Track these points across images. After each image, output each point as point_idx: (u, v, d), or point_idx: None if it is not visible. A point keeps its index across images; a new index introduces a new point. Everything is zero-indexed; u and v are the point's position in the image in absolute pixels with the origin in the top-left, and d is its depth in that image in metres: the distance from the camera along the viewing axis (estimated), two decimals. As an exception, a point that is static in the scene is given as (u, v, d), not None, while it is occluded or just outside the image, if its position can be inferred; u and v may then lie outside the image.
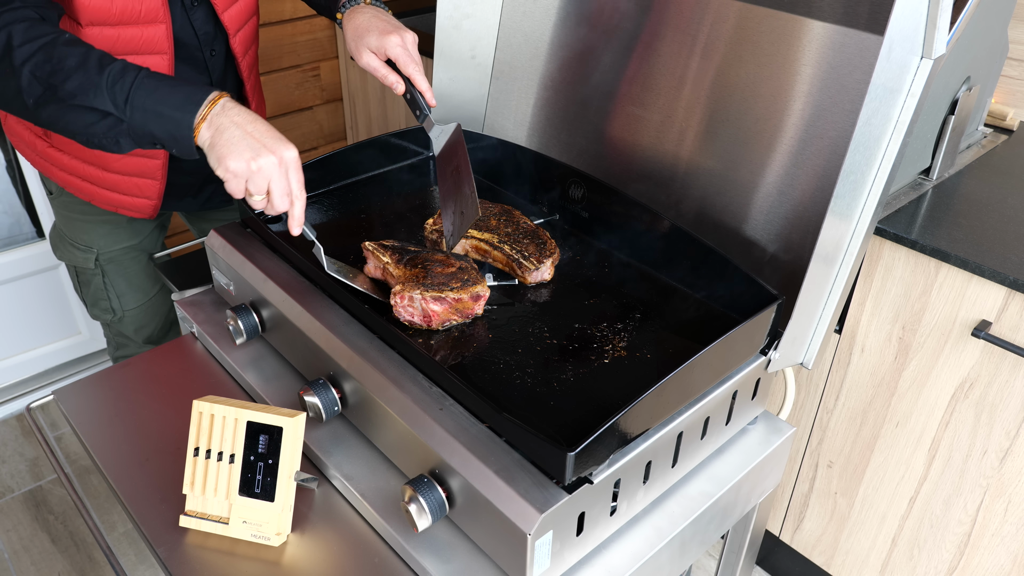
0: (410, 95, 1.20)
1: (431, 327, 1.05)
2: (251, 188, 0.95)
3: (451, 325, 1.07)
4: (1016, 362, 1.27)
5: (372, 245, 1.13)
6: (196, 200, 1.54)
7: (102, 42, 1.18)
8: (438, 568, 0.89)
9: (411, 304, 1.04)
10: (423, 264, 1.08)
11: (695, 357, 0.89)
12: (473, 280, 1.07)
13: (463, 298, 1.05)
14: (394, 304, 1.05)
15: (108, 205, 1.44)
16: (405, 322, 1.06)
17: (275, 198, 0.96)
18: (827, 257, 1.01)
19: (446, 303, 1.04)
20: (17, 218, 2.32)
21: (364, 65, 1.22)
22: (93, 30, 1.16)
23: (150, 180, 1.39)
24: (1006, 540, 1.38)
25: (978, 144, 1.63)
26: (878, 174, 0.96)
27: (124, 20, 1.17)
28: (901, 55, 0.89)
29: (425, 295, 1.03)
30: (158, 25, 1.20)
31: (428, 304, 1.03)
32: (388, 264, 1.10)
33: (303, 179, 0.97)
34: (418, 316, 1.05)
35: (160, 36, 1.21)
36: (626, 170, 1.35)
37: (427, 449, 0.90)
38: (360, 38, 1.22)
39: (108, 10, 1.15)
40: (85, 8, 1.13)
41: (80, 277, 1.57)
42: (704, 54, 1.22)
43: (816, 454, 1.63)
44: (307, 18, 2.48)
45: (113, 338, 1.69)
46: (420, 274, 1.06)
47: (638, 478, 0.93)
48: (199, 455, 0.95)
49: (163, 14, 1.20)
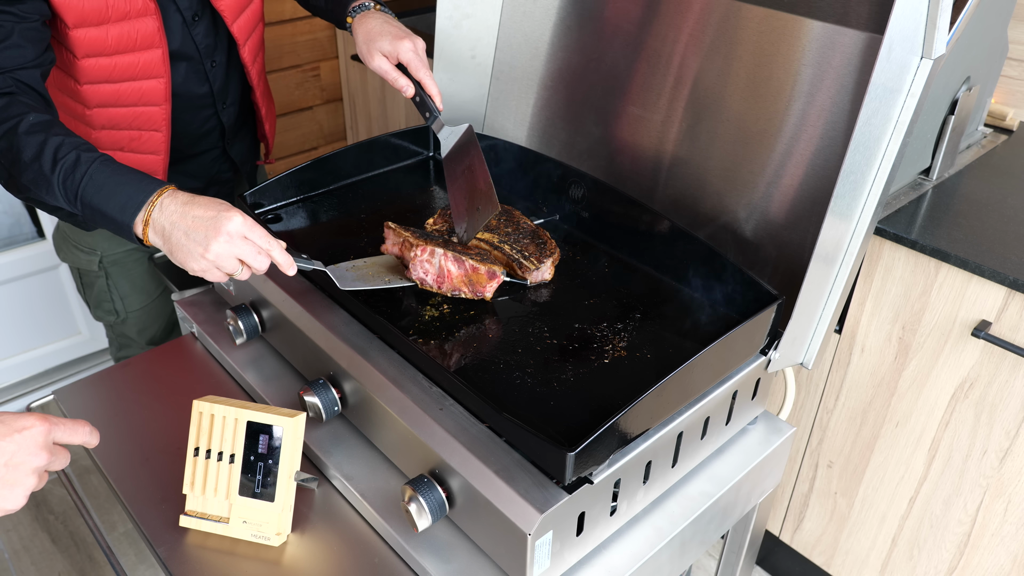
0: (419, 98, 1.21)
1: (440, 290, 1.07)
2: (224, 272, 0.94)
3: (459, 295, 1.09)
4: (1016, 362, 1.27)
5: (394, 224, 1.15)
6: None
7: (98, 72, 1.17)
8: (438, 568, 0.89)
9: (431, 259, 1.06)
10: (444, 243, 1.12)
11: (695, 357, 0.89)
12: (492, 259, 1.10)
13: (480, 269, 1.08)
14: (412, 258, 1.06)
15: None
16: (416, 280, 1.07)
17: (251, 265, 0.94)
18: (827, 257, 1.01)
19: (464, 267, 1.07)
20: (17, 218, 2.32)
21: (375, 68, 1.23)
22: (89, 61, 1.16)
23: None
24: (1006, 540, 1.38)
25: (978, 144, 1.63)
26: (878, 174, 0.96)
27: (120, 50, 1.17)
28: (901, 55, 0.89)
29: (447, 252, 1.06)
30: (154, 50, 1.20)
31: (447, 261, 1.06)
32: (408, 237, 1.11)
33: (263, 231, 0.94)
34: (432, 275, 1.06)
35: (156, 61, 1.21)
36: (626, 170, 1.35)
37: (427, 449, 0.90)
38: (372, 42, 1.23)
39: (103, 41, 1.15)
40: (80, 42, 1.13)
41: (84, 279, 1.57)
42: (704, 54, 1.22)
43: (816, 454, 1.63)
44: (307, 18, 2.48)
45: (116, 339, 1.69)
46: (441, 244, 1.09)
47: (638, 478, 0.93)
48: (199, 455, 0.95)
49: (159, 39, 1.20)
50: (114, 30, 1.15)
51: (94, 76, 1.18)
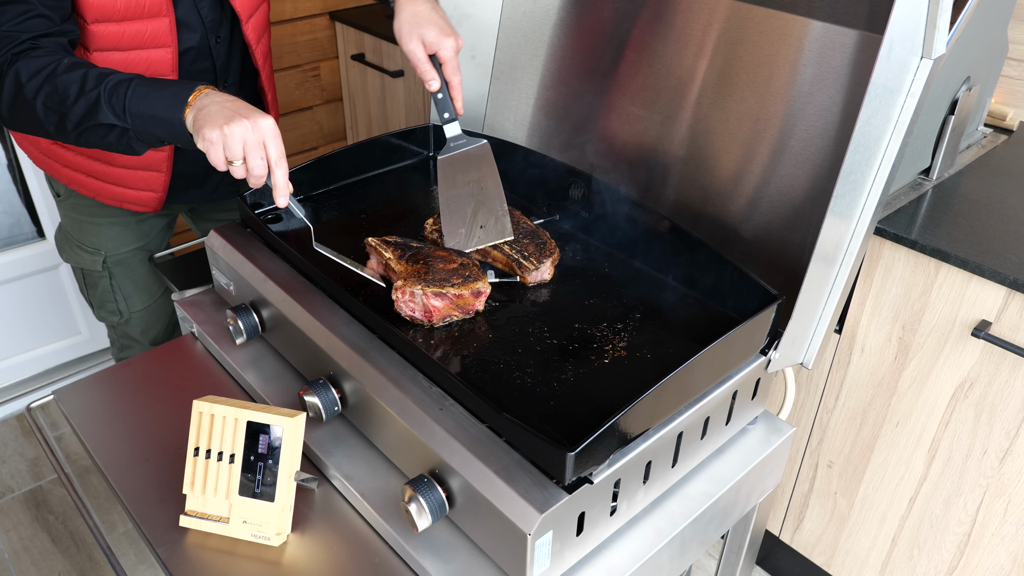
0: (442, 95, 1.21)
1: (432, 323, 1.06)
2: (228, 154, 0.98)
3: (452, 321, 1.07)
4: (1016, 362, 1.27)
5: (375, 241, 1.14)
6: (203, 191, 1.54)
7: (107, 39, 1.19)
8: (438, 568, 0.89)
9: (412, 299, 1.04)
10: (425, 260, 1.09)
11: (695, 357, 0.89)
12: (474, 276, 1.07)
13: (464, 294, 1.05)
14: (395, 299, 1.05)
15: (114, 200, 1.44)
16: (406, 317, 1.06)
17: (249, 161, 0.99)
18: (827, 257, 1.01)
19: (447, 299, 1.04)
20: (17, 218, 2.32)
21: (409, 51, 1.20)
22: (99, 27, 1.18)
23: (155, 172, 1.39)
24: (1006, 540, 1.38)
25: (978, 144, 1.63)
26: (878, 174, 0.96)
27: (128, 16, 1.19)
28: (901, 55, 0.89)
29: (426, 290, 1.03)
30: (161, 19, 1.22)
31: (429, 299, 1.04)
32: (390, 260, 1.10)
33: (283, 149, 1.00)
34: (419, 311, 1.05)
35: (164, 29, 1.23)
36: (626, 170, 1.35)
37: (427, 449, 0.90)
38: (418, 26, 1.19)
39: (112, 7, 1.17)
40: (90, 6, 1.16)
41: (87, 279, 1.57)
42: (704, 54, 1.22)
43: (816, 454, 1.63)
44: (307, 18, 2.48)
45: (118, 339, 1.69)
46: (422, 270, 1.06)
47: (638, 478, 0.93)
48: (199, 455, 0.95)
49: (166, 8, 1.21)
50: None
51: (104, 43, 1.20)
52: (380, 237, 1.15)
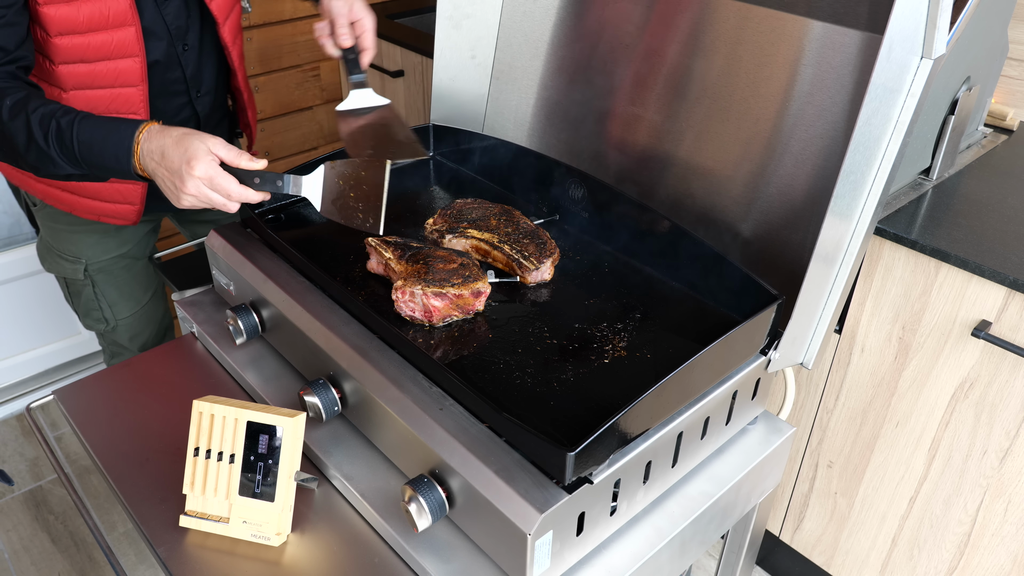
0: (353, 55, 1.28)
1: (432, 323, 1.06)
2: (212, 203, 1.03)
3: (452, 321, 1.07)
4: (1016, 362, 1.27)
5: (375, 241, 1.14)
6: None
7: (72, 51, 1.17)
8: (438, 568, 0.89)
9: (412, 299, 1.04)
10: (425, 260, 1.09)
11: (695, 357, 0.89)
12: (474, 276, 1.07)
13: (464, 294, 1.05)
14: (396, 299, 1.05)
15: (90, 214, 1.41)
16: (406, 317, 1.06)
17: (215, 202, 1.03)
18: (827, 257, 1.01)
19: (447, 299, 1.04)
20: (17, 218, 2.32)
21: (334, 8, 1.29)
22: (63, 39, 1.16)
23: (132, 184, 1.36)
24: (1006, 540, 1.38)
25: (978, 144, 1.63)
26: (878, 174, 0.96)
27: (93, 27, 1.16)
28: (901, 55, 0.89)
29: (426, 290, 1.03)
30: (127, 28, 1.19)
31: (429, 299, 1.04)
32: (390, 260, 1.10)
33: (231, 148, 1.03)
34: (419, 311, 1.05)
35: (130, 39, 1.20)
36: (626, 170, 1.35)
37: (427, 449, 0.90)
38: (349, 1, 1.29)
39: (75, 19, 1.14)
40: (52, 20, 1.13)
41: (70, 288, 1.54)
42: (704, 54, 1.22)
43: (816, 454, 1.63)
44: (307, 18, 2.48)
45: (108, 347, 1.66)
46: (422, 270, 1.06)
47: (638, 478, 0.93)
48: (199, 455, 0.95)
49: (131, 16, 1.18)
50: (85, 7, 1.14)
51: (68, 55, 1.17)
52: (380, 237, 1.15)
